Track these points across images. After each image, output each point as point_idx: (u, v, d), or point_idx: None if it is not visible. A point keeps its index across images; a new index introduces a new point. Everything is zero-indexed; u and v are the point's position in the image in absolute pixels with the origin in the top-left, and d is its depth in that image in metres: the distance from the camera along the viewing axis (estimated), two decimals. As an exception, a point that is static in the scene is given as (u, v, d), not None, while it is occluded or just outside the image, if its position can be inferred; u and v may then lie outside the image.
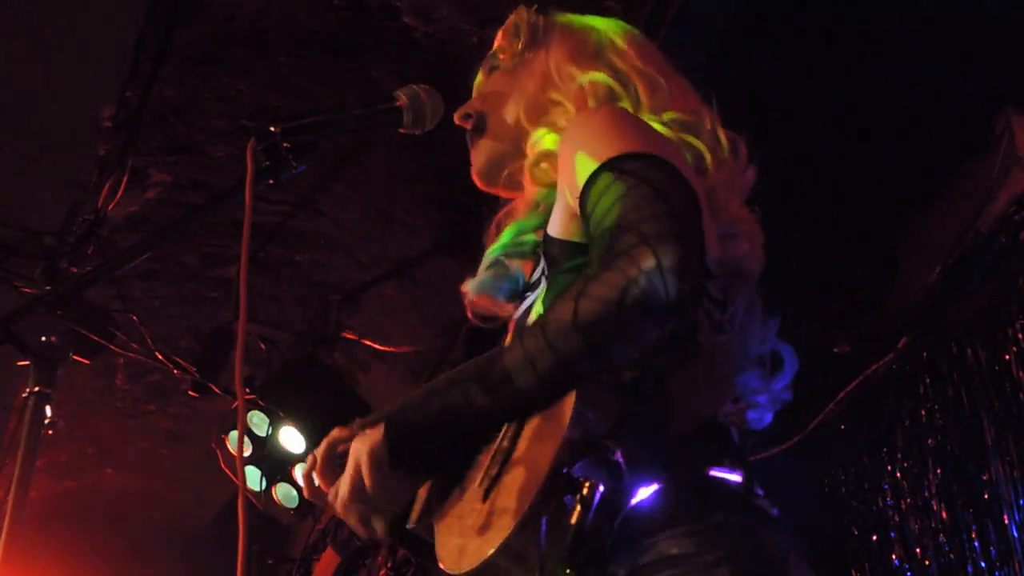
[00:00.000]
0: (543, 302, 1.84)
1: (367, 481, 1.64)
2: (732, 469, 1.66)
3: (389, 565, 5.27)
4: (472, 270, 2.19)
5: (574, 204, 1.74)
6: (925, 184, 3.65)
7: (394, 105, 1.98)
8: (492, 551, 1.49)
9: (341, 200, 4.66)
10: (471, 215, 2.23)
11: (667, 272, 1.50)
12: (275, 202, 4.63)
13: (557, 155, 1.88)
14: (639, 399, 1.61)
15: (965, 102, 3.42)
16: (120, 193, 4.29)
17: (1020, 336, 3.24)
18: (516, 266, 2.02)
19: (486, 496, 1.56)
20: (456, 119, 2.13)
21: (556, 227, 1.84)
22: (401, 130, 1.99)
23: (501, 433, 1.62)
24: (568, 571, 1.47)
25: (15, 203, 4.47)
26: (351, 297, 5.16)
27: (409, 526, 1.72)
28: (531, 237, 2.01)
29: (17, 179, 4.38)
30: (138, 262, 1.92)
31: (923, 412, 3.55)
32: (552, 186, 1.92)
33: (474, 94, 2.16)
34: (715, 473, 1.65)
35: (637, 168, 1.65)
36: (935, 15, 3.29)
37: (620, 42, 2.03)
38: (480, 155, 2.08)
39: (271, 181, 1.84)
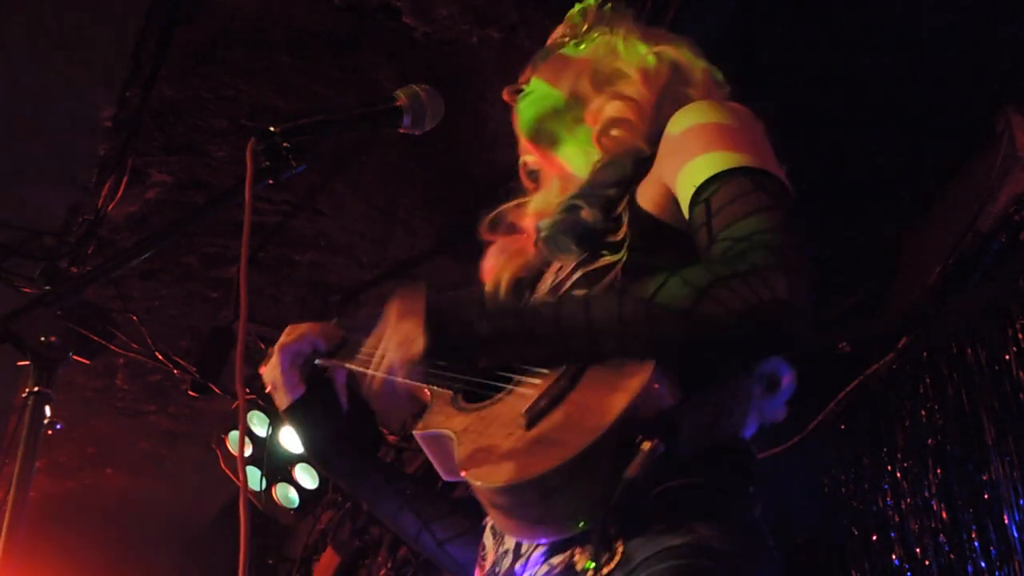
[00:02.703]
0: (625, 276, 1.78)
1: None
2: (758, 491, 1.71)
3: (389, 565, 5.27)
4: (472, 270, 2.19)
5: (680, 186, 1.73)
6: (925, 184, 3.65)
7: (394, 105, 1.98)
8: (541, 472, 1.53)
9: (341, 200, 4.66)
10: (471, 215, 2.23)
11: (794, 309, 1.53)
12: (275, 202, 4.63)
13: (631, 122, 1.94)
14: (700, 390, 1.64)
15: (965, 102, 3.42)
16: (120, 193, 4.28)
17: (1020, 336, 3.23)
18: (588, 215, 1.93)
19: (531, 424, 1.60)
20: (505, 95, 2.17)
21: (648, 200, 1.83)
22: (401, 130, 1.99)
23: (559, 372, 1.65)
24: (582, 524, 1.53)
25: (15, 203, 4.47)
26: (351, 297, 5.15)
27: (417, 431, 1.76)
28: (612, 191, 1.94)
29: (17, 179, 4.38)
30: (138, 262, 1.92)
31: (923, 412, 3.55)
32: (618, 153, 1.95)
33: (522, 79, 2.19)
34: (753, 489, 1.70)
35: (774, 189, 1.68)
36: (935, 15, 3.29)
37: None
38: (528, 108, 2.11)
39: (271, 181, 1.84)
